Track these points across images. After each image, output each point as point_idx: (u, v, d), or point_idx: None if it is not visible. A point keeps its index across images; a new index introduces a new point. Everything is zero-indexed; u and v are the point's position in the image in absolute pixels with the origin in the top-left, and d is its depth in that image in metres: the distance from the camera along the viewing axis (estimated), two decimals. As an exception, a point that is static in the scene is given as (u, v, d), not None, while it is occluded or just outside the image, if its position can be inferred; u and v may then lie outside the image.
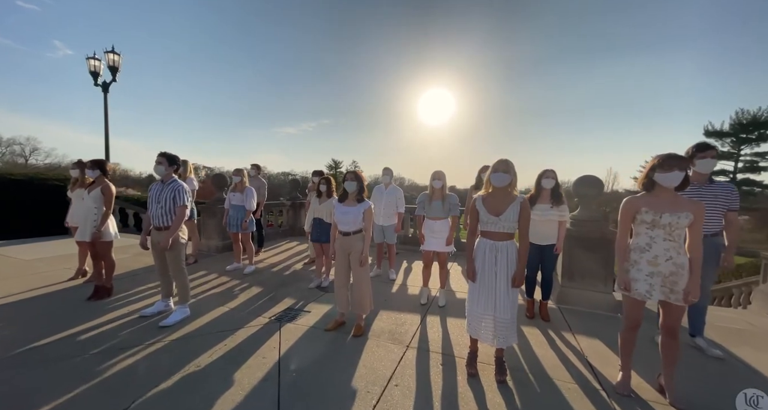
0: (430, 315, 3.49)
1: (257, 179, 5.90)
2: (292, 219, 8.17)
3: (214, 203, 6.00)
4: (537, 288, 3.60)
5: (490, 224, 2.27)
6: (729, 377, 2.50)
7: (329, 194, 4.31)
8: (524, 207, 2.22)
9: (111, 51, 8.73)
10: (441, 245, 3.68)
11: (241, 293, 4.02)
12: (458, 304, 3.80)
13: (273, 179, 54.25)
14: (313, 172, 5.43)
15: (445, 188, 3.68)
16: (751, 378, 2.50)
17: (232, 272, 4.86)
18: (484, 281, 2.30)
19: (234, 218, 4.79)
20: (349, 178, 3.06)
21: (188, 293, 3.27)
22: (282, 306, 3.68)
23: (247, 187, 4.82)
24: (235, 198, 4.80)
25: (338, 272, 3.14)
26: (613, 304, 3.62)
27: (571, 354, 2.73)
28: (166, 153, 3.12)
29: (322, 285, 4.38)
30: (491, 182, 2.26)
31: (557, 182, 3.26)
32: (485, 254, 2.29)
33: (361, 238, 3.07)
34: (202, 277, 4.60)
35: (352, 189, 3.05)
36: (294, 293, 4.09)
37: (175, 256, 3.13)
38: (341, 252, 3.10)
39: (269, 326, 3.18)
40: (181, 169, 4.98)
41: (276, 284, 4.44)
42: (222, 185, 5.94)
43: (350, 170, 3.11)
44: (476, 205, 2.34)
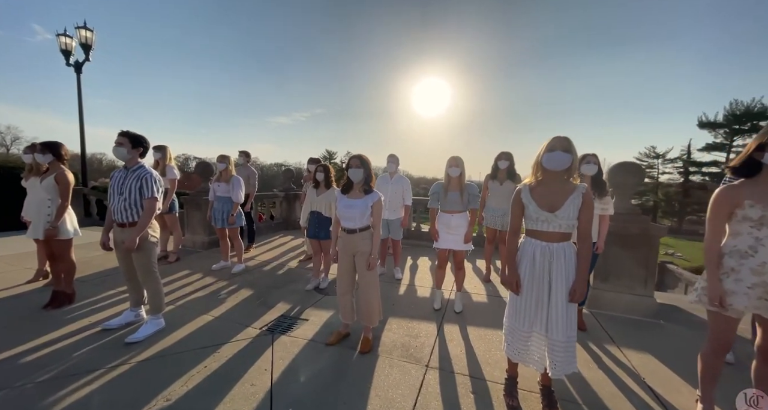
0: (447, 323, 3.02)
1: (246, 167, 5.32)
2: (285, 212, 7.61)
3: (199, 194, 5.41)
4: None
5: (541, 221, 1.76)
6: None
7: (328, 185, 3.78)
8: (587, 200, 1.72)
9: (83, 27, 7.93)
10: (458, 243, 3.18)
11: (228, 298, 3.50)
12: (477, 309, 3.34)
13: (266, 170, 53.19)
14: (309, 159, 4.86)
15: (463, 177, 3.16)
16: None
17: (219, 271, 4.32)
18: (532, 292, 1.81)
19: (219, 211, 4.23)
20: (354, 164, 2.52)
21: (162, 302, 2.74)
22: (275, 313, 3.18)
23: (234, 176, 4.24)
24: (220, 189, 4.24)
25: (341, 276, 2.63)
26: (655, 309, 3.19)
27: (626, 376, 2.28)
28: (129, 132, 2.53)
29: (321, 287, 3.89)
30: (544, 164, 1.74)
31: (600, 168, 2.76)
32: (534, 259, 1.79)
33: (369, 236, 2.56)
34: (184, 278, 4.07)
35: (359, 178, 2.52)
36: (289, 297, 3.58)
37: (143, 258, 2.59)
38: (345, 253, 2.59)
39: (260, 340, 2.67)
40: (159, 155, 4.39)
41: (268, 285, 3.92)
42: (207, 174, 5.34)
43: (355, 155, 2.57)
44: (522, 197, 1.83)
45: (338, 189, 2.68)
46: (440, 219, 3.24)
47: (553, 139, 1.74)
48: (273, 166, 56.07)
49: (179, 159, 48.87)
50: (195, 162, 48.16)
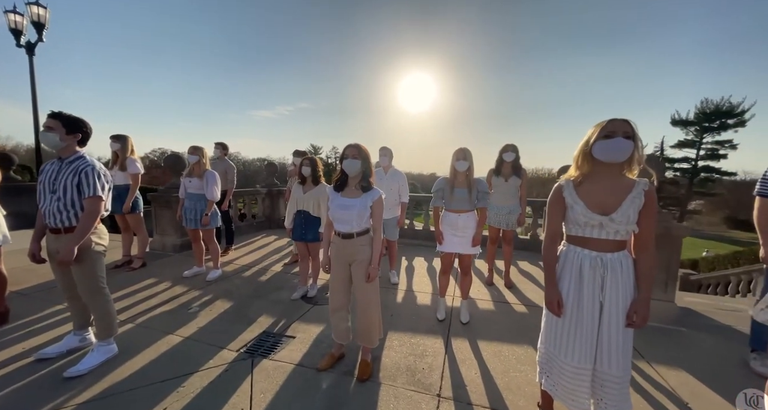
0: (455, 337, 2.66)
1: (223, 161, 4.77)
2: (268, 209, 7.07)
3: (168, 190, 4.83)
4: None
5: (591, 227, 1.40)
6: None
7: (315, 180, 3.33)
8: (650, 200, 1.37)
9: (35, 3, 7.04)
10: (465, 246, 2.82)
11: (201, 312, 3.02)
12: (485, 319, 2.99)
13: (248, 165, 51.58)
14: (294, 152, 4.38)
15: (471, 171, 2.79)
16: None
17: (191, 279, 3.81)
18: (578, 315, 1.46)
19: (191, 210, 3.70)
20: (351, 154, 2.09)
21: (113, 324, 2.25)
22: (256, 329, 2.74)
23: (208, 171, 3.72)
24: (191, 185, 3.71)
25: (335, 289, 2.22)
26: (675, 314, 2.94)
27: (666, 400, 1.98)
28: (61, 113, 2.00)
29: (309, 295, 3.45)
30: (596, 154, 1.38)
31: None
32: (582, 272, 1.43)
33: (369, 242, 2.15)
34: (149, 287, 3.53)
35: (356, 171, 2.10)
36: (272, 309, 3.13)
37: (86, 273, 2.08)
38: (339, 262, 2.18)
39: (237, 366, 2.23)
40: (118, 146, 3.81)
41: (248, 294, 3.46)
42: (178, 168, 4.76)
43: (352, 144, 2.14)
44: (565, 196, 1.47)
45: (330, 186, 2.25)
46: (445, 219, 2.86)
47: (609, 122, 1.37)
48: (256, 161, 54.43)
49: (155, 153, 46.44)
50: (172, 157, 46.09)
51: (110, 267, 4.06)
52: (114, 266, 4.08)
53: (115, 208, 3.90)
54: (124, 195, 3.86)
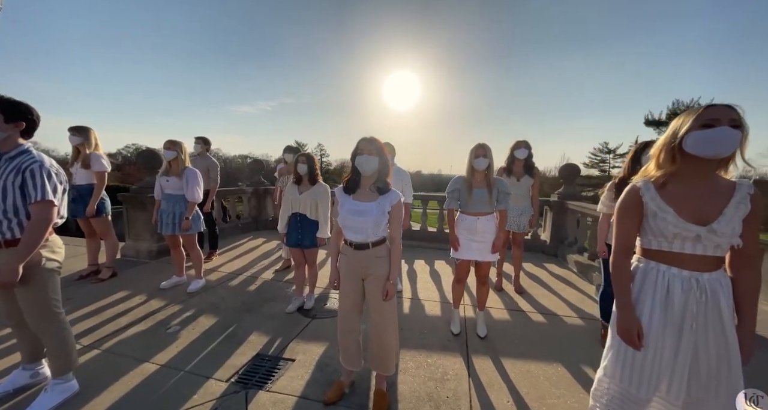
0: (476, 355, 2.38)
1: (205, 157, 4.31)
2: (254, 209, 6.61)
3: (143, 189, 4.33)
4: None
5: (683, 239, 1.14)
6: None
7: (313, 179, 2.98)
8: (757, 204, 1.11)
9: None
10: (484, 253, 2.55)
11: (182, 331, 2.62)
12: (503, 331, 2.74)
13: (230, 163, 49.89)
14: (286, 148, 3.99)
15: (491, 170, 2.51)
16: None
17: (170, 291, 3.38)
18: (664, 348, 1.19)
19: (168, 213, 3.26)
20: (366, 149, 1.76)
21: (71, 356, 1.83)
22: (248, 352, 2.37)
23: (188, 168, 3.28)
24: (169, 185, 3.26)
25: (345, 309, 1.89)
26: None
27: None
28: (0, 97, 1.57)
29: (306, 307, 3.10)
30: (689, 148, 1.12)
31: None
32: (671, 297, 1.17)
33: (386, 253, 1.83)
34: (120, 303, 3.08)
35: (372, 170, 1.77)
36: (265, 325, 2.77)
37: (35, 295, 1.66)
38: (350, 276, 1.85)
39: (227, 403, 1.87)
40: (79, 139, 3.32)
41: (237, 308, 3.07)
42: (153, 165, 4.27)
43: (366, 138, 1.81)
44: (646, 200, 1.20)
45: (339, 187, 1.91)
46: (461, 223, 2.58)
47: (707, 108, 1.10)
48: (237, 158, 52.71)
49: (129, 150, 44.00)
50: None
51: (74, 278, 3.57)
52: (78, 277, 3.58)
53: (78, 211, 3.41)
54: (87, 196, 3.37)
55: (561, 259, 4.94)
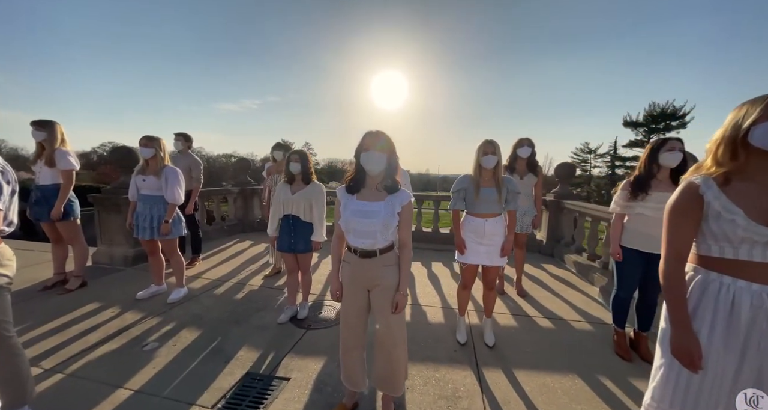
0: (486, 367, 2.22)
1: (187, 155, 4.00)
2: (241, 210, 6.29)
3: (117, 190, 3.98)
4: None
5: (752, 244, 1.00)
6: None
7: (306, 178, 2.75)
8: None
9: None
10: (493, 257, 2.39)
11: (161, 349, 2.35)
12: (511, 339, 2.58)
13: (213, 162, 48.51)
14: (275, 145, 3.73)
15: (500, 168, 2.35)
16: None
17: (148, 301, 3.07)
18: (725, 370, 1.05)
19: (145, 216, 2.96)
20: (373, 145, 1.56)
21: (26, 386, 1.55)
22: (237, 370, 2.13)
23: (167, 167, 2.99)
24: (146, 185, 2.96)
25: (348, 323, 1.68)
26: None
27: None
28: None
29: (299, 316, 2.87)
30: (756, 141, 0.98)
31: (685, 156, 2.11)
32: (735, 313, 1.02)
33: (395, 260, 1.64)
34: (89, 317, 2.76)
35: (380, 168, 1.57)
36: (255, 338, 2.53)
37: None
38: (355, 287, 1.65)
39: (214, 434, 1.63)
40: (43, 135, 2.99)
41: (223, 319, 2.81)
42: (128, 163, 3.92)
43: (373, 132, 1.60)
44: (708, 199, 1.06)
45: (341, 187, 1.70)
46: (468, 225, 2.41)
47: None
48: (221, 157, 51.32)
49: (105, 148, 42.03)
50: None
51: (37, 290, 3.21)
52: (42, 288, 3.22)
53: (42, 214, 3.07)
54: (53, 198, 3.03)
55: (558, 259, 4.87)
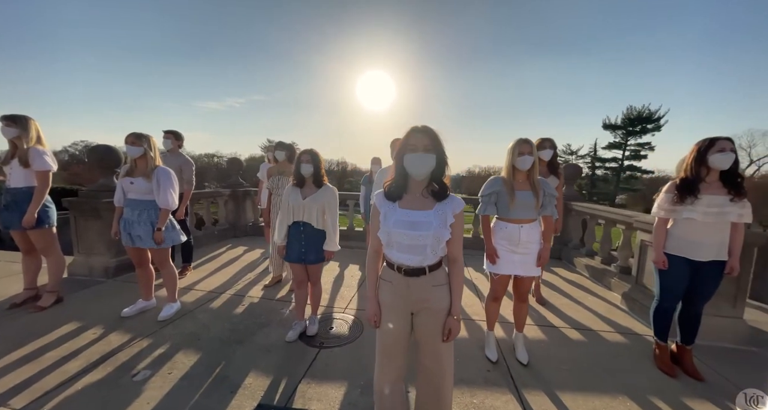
0: (527, 390, 2.01)
1: (177, 155, 3.64)
2: (232, 214, 5.92)
3: (96, 193, 3.58)
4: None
5: None
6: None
7: (318, 181, 2.49)
8: None
9: None
10: (528, 266, 2.20)
11: (154, 378, 2.03)
12: (544, 353, 2.39)
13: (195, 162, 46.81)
14: (278, 144, 3.43)
15: (535, 170, 2.16)
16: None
17: (135, 320, 2.73)
18: None
19: (133, 223, 2.61)
20: (419, 145, 1.32)
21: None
22: (245, 403, 1.85)
23: (159, 167, 2.66)
24: (134, 188, 2.62)
25: (389, 352, 1.43)
26: (746, 333, 2.61)
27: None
28: None
29: (308, 333, 2.60)
30: None
31: (737, 157, 1.97)
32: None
33: (445, 279, 1.40)
34: (67, 340, 2.40)
35: (427, 171, 1.33)
36: (263, 361, 2.24)
37: None
38: (397, 311, 1.40)
39: None
40: (15, 131, 2.63)
41: (223, 338, 2.50)
42: (109, 162, 3.55)
43: (418, 127, 1.36)
44: None
45: (379, 192, 1.45)
46: (500, 232, 2.21)
47: None
48: (203, 156, 49.75)
49: (77, 147, 39.87)
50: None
51: (4, 308, 2.81)
52: (10, 306, 2.82)
53: (13, 221, 2.68)
54: (25, 203, 2.64)
55: (566, 262, 4.76)
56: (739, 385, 2.07)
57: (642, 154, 30.42)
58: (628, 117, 30.71)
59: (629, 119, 30.67)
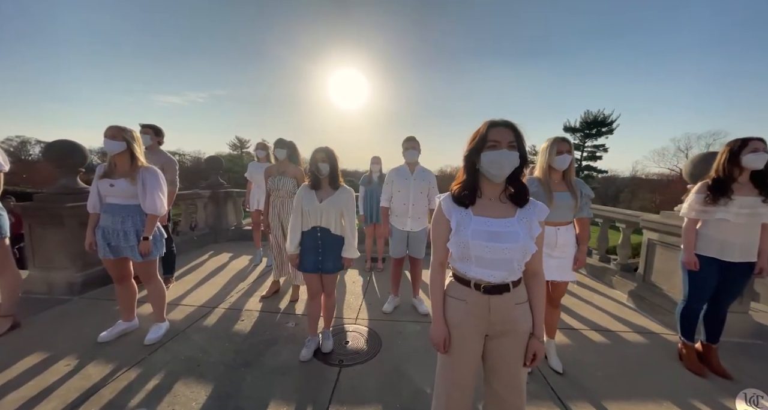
0: (571, 402, 1.92)
1: (158, 152, 3.19)
2: (212, 217, 5.43)
3: (56, 196, 3.07)
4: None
5: None
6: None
7: (335, 182, 2.25)
8: None
9: None
10: (564, 271, 2.11)
11: (154, 418, 1.70)
12: (575, 359, 2.32)
13: (154, 161, 43.35)
14: (277, 142, 3.10)
15: (572, 169, 2.08)
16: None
17: (116, 345, 2.33)
18: None
19: (114, 232, 2.22)
20: (503, 140, 1.15)
21: None
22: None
23: (145, 168, 2.28)
24: (114, 192, 2.22)
25: (459, 382, 1.24)
26: (752, 328, 2.71)
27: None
28: None
29: (324, 349, 2.36)
30: None
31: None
32: None
33: (526, 296, 1.24)
34: (34, 376, 1.97)
35: (509, 171, 1.17)
36: (280, 387, 1.97)
37: None
38: (471, 333, 1.22)
39: None
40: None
41: (228, 363, 2.19)
42: (73, 161, 3.04)
43: (497, 121, 1.19)
44: None
45: (445, 195, 1.26)
46: (536, 235, 2.10)
47: None
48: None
49: (10, 143, 35.46)
50: (39, 147, 35.54)
51: (-59, 340, 2.29)
52: (-50, 337, 2.30)
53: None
54: (-33, 210, 2.15)
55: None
56: (765, 381, 2.11)
57: (597, 155, 32.83)
58: (585, 121, 33.13)
59: (586, 122, 33.09)
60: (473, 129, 1.23)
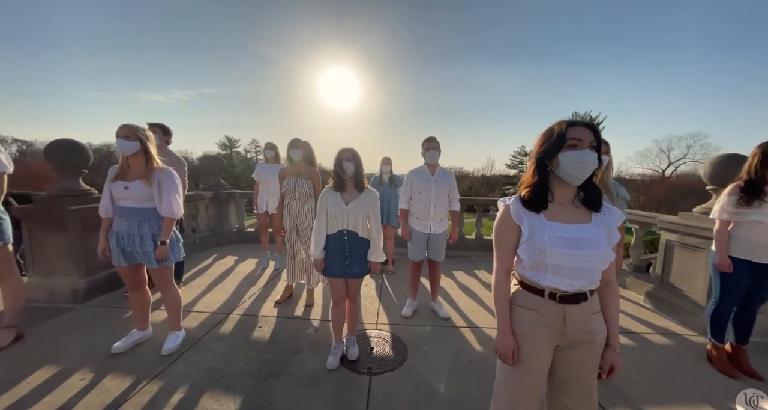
0: (614, 408, 1.89)
1: (166, 153, 3.05)
2: (214, 219, 5.27)
3: (58, 200, 2.90)
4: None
5: None
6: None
7: (360, 184, 2.17)
8: None
9: None
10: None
11: (185, 437, 1.59)
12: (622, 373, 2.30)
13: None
14: (292, 142, 3.00)
15: (610, 171, 2.05)
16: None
17: (131, 356, 2.20)
18: None
19: (130, 236, 2.09)
20: (585, 138, 1.10)
21: None
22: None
23: (162, 169, 2.15)
24: (129, 195, 2.09)
25: (528, 397, 1.18)
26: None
27: None
28: None
29: (350, 357, 2.28)
30: None
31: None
32: None
33: (599, 305, 1.19)
34: (47, 393, 1.83)
35: (591, 170, 1.13)
36: (310, 397, 1.89)
37: None
38: (542, 344, 1.17)
39: None
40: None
41: (254, 374, 2.09)
42: (76, 162, 2.88)
43: (577, 120, 1.14)
44: None
45: (514, 199, 1.20)
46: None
47: None
48: (150, 154, 45.01)
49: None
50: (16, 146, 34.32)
51: (-62, 354, 2.12)
52: (-52, 351, 2.14)
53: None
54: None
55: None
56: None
57: (581, 157, 34.29)
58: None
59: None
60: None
